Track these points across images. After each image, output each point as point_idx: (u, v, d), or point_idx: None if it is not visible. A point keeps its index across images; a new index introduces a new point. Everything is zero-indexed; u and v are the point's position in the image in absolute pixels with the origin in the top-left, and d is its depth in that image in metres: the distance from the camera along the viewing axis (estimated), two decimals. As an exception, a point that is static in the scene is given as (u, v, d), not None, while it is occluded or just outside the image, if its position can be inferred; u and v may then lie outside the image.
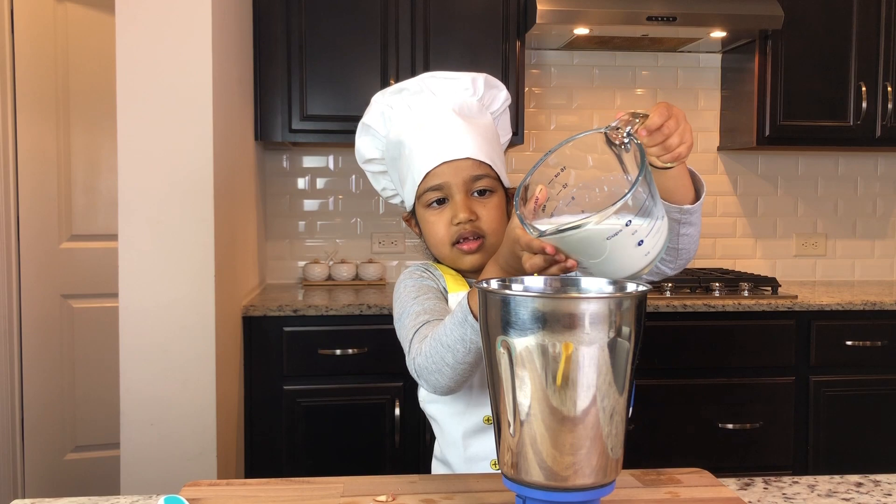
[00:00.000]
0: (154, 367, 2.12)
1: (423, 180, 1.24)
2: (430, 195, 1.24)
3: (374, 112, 1.31)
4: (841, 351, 2.74)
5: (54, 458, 2.99)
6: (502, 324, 0.80)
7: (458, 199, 1.22)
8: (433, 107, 1.27)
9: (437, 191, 1.23)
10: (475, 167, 1.23)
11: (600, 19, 2.74)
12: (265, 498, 1.00)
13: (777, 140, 3.00)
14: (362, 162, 1.36)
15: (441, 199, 1.24)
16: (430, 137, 1.24)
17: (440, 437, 1.28)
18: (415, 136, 1.25)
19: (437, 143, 1.23)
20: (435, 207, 1.25)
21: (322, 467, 2.55)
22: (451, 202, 1.23)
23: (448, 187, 1.23)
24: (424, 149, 1.24)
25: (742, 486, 1.05)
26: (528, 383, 0.79)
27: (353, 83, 2.84)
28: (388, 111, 1.30)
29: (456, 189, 1.23)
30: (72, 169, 2.99)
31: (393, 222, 3.26)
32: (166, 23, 2.08)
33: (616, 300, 0.79)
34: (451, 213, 1.23)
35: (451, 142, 1.23)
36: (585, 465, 0.80)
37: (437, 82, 1.29)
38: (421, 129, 1.25)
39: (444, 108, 1.26)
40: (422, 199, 1.25)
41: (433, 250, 1.29)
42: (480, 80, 1.30)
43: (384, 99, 1.30)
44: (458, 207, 1.22)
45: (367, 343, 2.59)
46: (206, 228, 2.13)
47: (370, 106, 1.32)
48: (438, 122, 1.25)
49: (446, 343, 1.06)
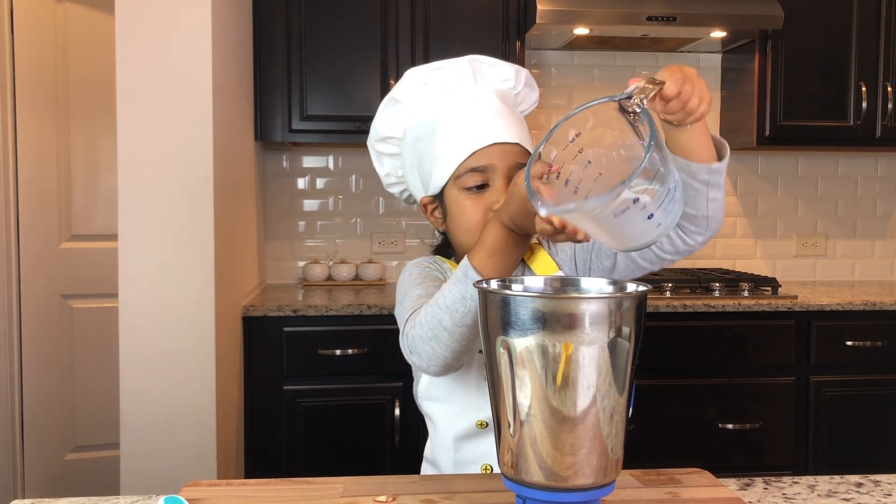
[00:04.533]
0: (154, 367, 2.12)
1: (466, 159, 1.18)
2: (471, 177, 1.18)
3: (406, 87, 1.24)
4: (841, 351, 2.74)
5: (54, 458, 2.99)
6: (502, 324, 0.80)
7: (500, 185, 1.17)
8: (475, 90, 1.23)
9: (479, 173, 1.18)
10: (522, 154, 1.19)
11: (600, 19, 2.74)
12: (265, 498, 1.00)
13: (777, 140, 3.00)
14: (377, 139, 1.30)
15: (481, 183, 1.18)
16: (478, 116, 1.19)
17: (433, 437, 1.26)
18: (456, 114, 1.20)
19: (487, 123, 1.18)
20: (473, 192, 1.19)
21: (322, 467, 2.55)
22: (491, 188, 1.18)
23: (492, 170, 1.17)
24: (471, 127, 1.18)
25: (742, 487, 1.05)
26: (528, 383, 0.79)
27: (353, 83, 2.84)
28: (422, 88, 1.23)
29: (500, 174, 1.17)
30: (72, 169, 2.99)
31: (393, 222, 3.26)
32: (166, 23, 2.08)
33: (616, 300, 0.79)
34: (491, 199, 1.17)
35: (502, 124, 1.19)
36: (585, 465, 0.80)
37: (480, 67, 1.24)
38: (464, 109, 1.20)
39: (488, 92, 1.22)
40: (459, 181, 1.19)
41: (460, 235, 1.22)
42: (523, 75, 1.27)
43: (419, 75, 1.24)
44: (501, 193, 1.16)
45: (367, 343, 2.59)
46: (206, 228, 2.13)
47: (402, 80, 1.25)
48: (485, 103, 1.20)
49: (443, 304, 1.02)
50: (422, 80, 1.23)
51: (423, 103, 1.23)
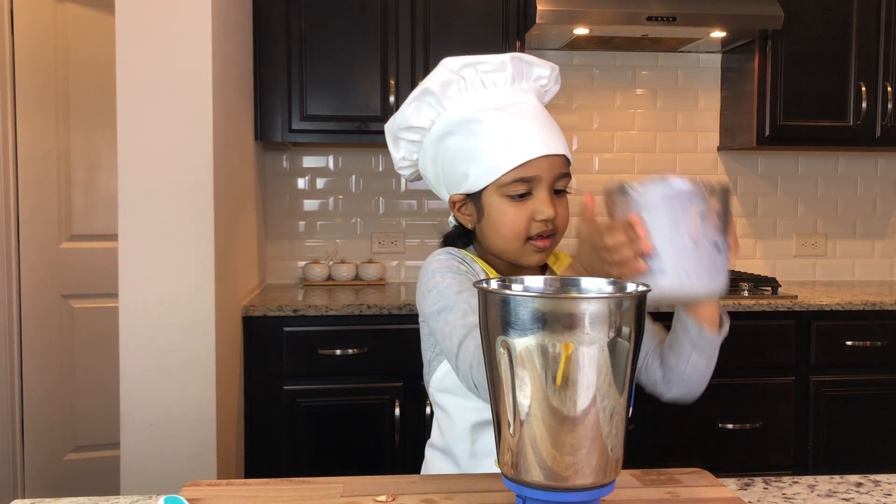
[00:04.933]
0: (154, 367, 2.12)
1: (514, 169, 1.17)
2: (516, 186, 1.18)
3: (441, 79, 1.21)
4: (841, 351, 2.74)
5: (54, 458, 2.99)
6: (502, 324, 0.80)
7: (543, 195, 1.18)
8: (516, 92, 1.22)
9: (525, 183, 1.18)
10: (565, 165, 1.21)
11: (600, 19, 2.74)
12: (265, 498, 1.00)
13: (777, 140, 3.00)
14: (402, 127, 1.26)
15: (525, 192, 1.18)
16: (527, 124, 1.18)
17: (447, 428, 1.25)
18: (502, 119, 1.19)
19: (537, 132, 1.18)
20: (516, 199, 1.19)
21: (322, 467, 2.55)
22: (534, 197, 1.19)
23: (538, 181, 1.18)
24: (521, 136, 1.17)
25: (742, 486, 1.05)
26: (528, 383, 0.79)
27: (353, 83, 2.84)
28: (458, 83, 1.21)
29: (544, 184, 1.18)
30: (72, 169, 2.99)
31: (393, 222, 3.26)
32: (166, 23, 2.08)
33: (616, 300, 0.79)
34: (535, 209, 1.18)
35: (550, 135, 1.19)
36: (585, 465, 0.80)
37: (520, 66, 1.22)
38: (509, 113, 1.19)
39: (529, 96, 1.22)
40: (504, 188, 1.19)
41: (498, 240, 1.22)
42: (556, 72, 1.27)
43: (456, 68, 1.21)
44: (545, 204, 1.18)
45: (367, 343, 2.59)
46: (205, 228, 2.13)
47: (437, 71, 1.22)
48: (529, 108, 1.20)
49: None
50: (458, 73, 1.20)
51: (460, 99, 1.21)
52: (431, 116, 1.23)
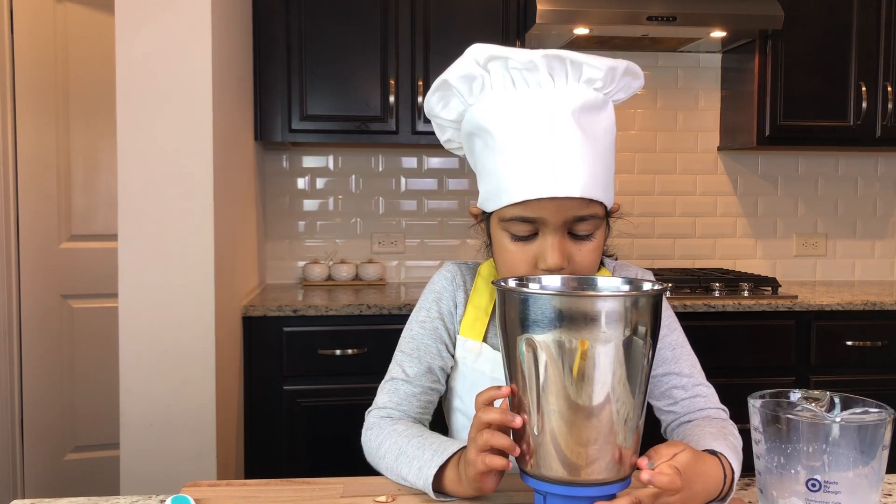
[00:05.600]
0: (154, 366, 2.12)
1: (514, 205, 1.00)
2: (517, 226, 1.01)
3: (462, 71, 1.03)
4: (841, 351, 2.74)
5: (54, 458, 2.98)
6: (521, 321, 0.81)
7: (551, 240, 1.00)
8: (547, 100, 0.99)
9: (527, 223, 1.01)
10: (583, 206, 1.00)
11: (600, 19, 2.74)
12: (265, 498, 1.00)
13: (777, 140, 3.00)
14: (430, 115, 1.12)
15: (528, 234, 1.02)
16: (534, 155, 0.98)
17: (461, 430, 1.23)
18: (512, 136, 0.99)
19: (544, 169, 0.97)
20: (520, 240, 1.03)
21: (322, 467, 2.55)
22: (541, 238, 1.01)
23: (542, 223, 1.00)
24: (524, 170, 0.98)
25: (742, 486, 1.05)
26: (547, 380, 0.81)
27: (353, 83, 2.84)
28: (483, 78, 1.02)
29: (553, 228, 1.00)
30: (71, 169, 2.99)
31: (393, 222, 3.26)
32: (166, 23, 2.08)
33: (632, 298, 0.81)
34: (539, 252, 1.02)
35: (563, 172, 0.97)
36: (604, 459, 0.82)
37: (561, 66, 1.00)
38: (523, 131, 0.99)
39: (561, 108, 0.99)
40: (504, 224, 1.03)
41: (500, 273, 1.10)
42: (619, 71, 1.04)
43: (480, 59, 1.01)
44: (550, 251, 1.00)
45: (367, 343, 2.59)
46: (205, 228, 2.13)
47: (460, 60, 1.03)
48: (552, 131, 0.98)
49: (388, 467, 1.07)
50: (483, 67, 1.02)
51: (480, 96, 1.04)
52: (456, 110, 1.08)
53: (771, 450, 0.82)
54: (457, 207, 3.23)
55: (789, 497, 0.81)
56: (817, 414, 0.85)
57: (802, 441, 0.80)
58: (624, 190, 3.33)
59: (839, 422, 0.80)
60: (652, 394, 1.20)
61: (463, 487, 0.96)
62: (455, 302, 1.20)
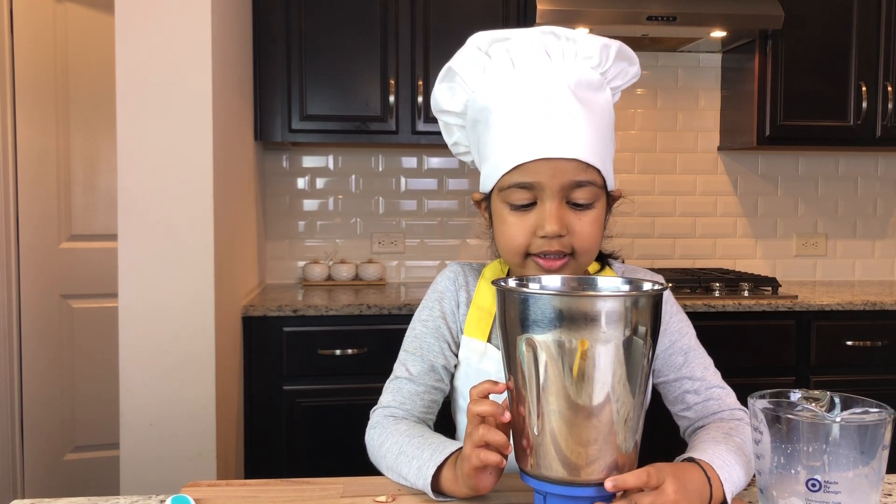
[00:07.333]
0: (154, 367, 2.12)
1: (509, 172, 1.02)
2: (515, 194, 1.02)
3: (465, 58, 1.06)
4: (841, 351, 2.74)
5: (54, 458, 2.98)
6: (521, 321, 0.81)
7: (549, 206, 1.01)
8: (544, 74, 1.02)
9: (525, 190, 1.02)
10: (580, 171, 1.01)
11: (600, 19, 2.74)
12: (265, 498, 1.00)
13: (777, 140, 3.00)
14: (437, 111, 1.14)
15: (528, 203, 1.03)
16: (530, 120, 1.00)
17: None
18: (510, 108, 1.02)
19: (539, 131, 0.99)
20: (519, 210, 1.04)
21: (322, 467, 2.55)
22: (539, 206, 1.02)
23: (540, 189, 1.01)
24: (520, 134, 1.00)
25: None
26: (548, 380, 0.81)
27: (353, 83, 2.84)
28: (483, 61, 1.05)
29: (550, 193, 1.01)
30: (71, 168, 2.99)
31: (393, 222, 3.26)
32: (166, 23, 2.08)
33: (632, 298, 0.81)
34: (537, 221, 1.02)
35: (558, 134, 0.99)
36: (604, 459, 0.82)
37: (556, 42, 1.03)
38: (520, 102, 1.01)
39: (558, 81, 1.01)
40: (503, 194, 1.04)
41: (502, 252, 1.10)
42: (613, 50, 1.05)
43: (483, 45, 1.05)
44: (547, 217, 1.01)
45: (367, 343, 2.59)
46: (205, 228, 2.13)
47: (464, 48, 1.06)
48: (547, 99, 1.00)
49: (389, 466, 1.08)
50: (484, 51, 1.05)
51: (482, 80, 1.06)
52: (461, 100, 1.10)
53: (771, 450, 0.82)
54: (457, 207, 3.23)
55: (789, 497, 0.81)
56: (817, 414, 0.84)
57: (802, 441, 0.79)
58: (624, 190, 3.32)
59: (839, 422, 0.80)
60: (666, 399, 1.21)
61: (459, 487, 0.96)
62: (457, 302, 1.21)
